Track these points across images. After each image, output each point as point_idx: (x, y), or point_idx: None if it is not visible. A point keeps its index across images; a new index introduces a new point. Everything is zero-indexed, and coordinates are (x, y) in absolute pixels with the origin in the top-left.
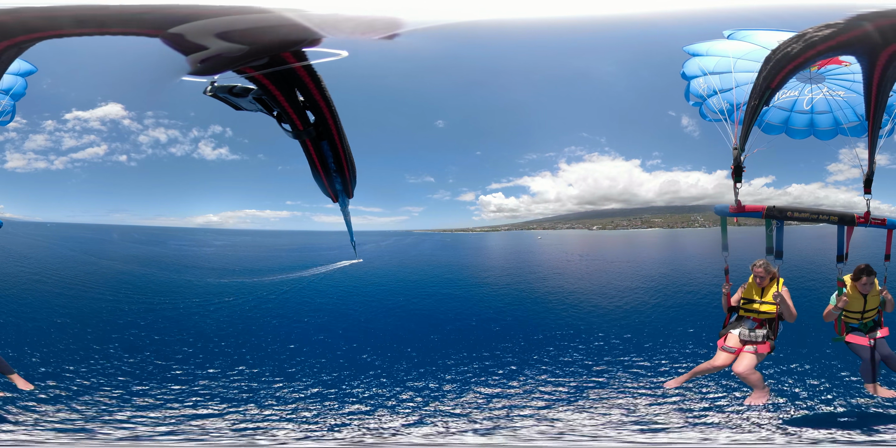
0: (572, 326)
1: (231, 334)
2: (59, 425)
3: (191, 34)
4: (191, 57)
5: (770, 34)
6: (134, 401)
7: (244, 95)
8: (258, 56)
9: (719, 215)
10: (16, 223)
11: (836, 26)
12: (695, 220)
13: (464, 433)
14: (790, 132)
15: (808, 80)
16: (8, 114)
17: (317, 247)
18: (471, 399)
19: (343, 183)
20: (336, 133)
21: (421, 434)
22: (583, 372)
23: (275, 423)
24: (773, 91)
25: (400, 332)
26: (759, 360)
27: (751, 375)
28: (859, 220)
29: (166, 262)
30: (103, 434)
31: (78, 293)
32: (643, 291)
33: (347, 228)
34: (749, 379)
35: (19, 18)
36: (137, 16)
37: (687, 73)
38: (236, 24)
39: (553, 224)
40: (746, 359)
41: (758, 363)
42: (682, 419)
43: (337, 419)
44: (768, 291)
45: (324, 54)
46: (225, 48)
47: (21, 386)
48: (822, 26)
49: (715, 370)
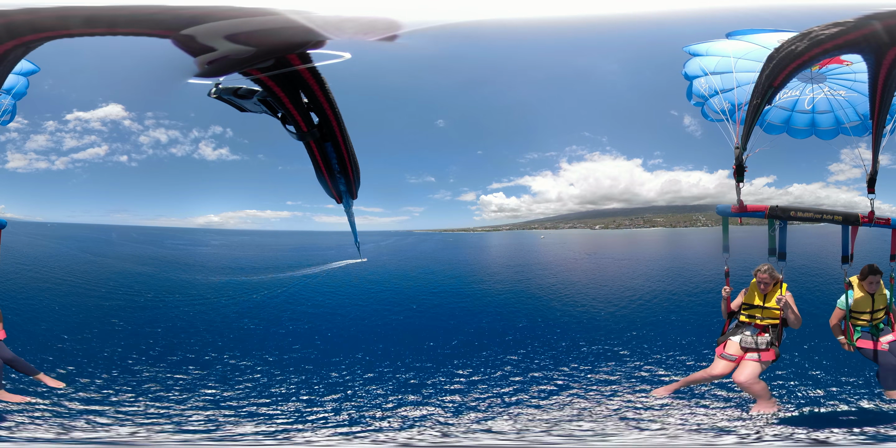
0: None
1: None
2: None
3: (202, 36)
4: (199, 59)
5: (771, 35)
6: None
7: (249, 97)
8: (265, 58)
9: (721, 215)
10: (16, 223)
11: (844, 25)
12: (697, 220)
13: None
14: (791, 132)
15: (810, 80)
16: (8, 113)
17: (319, 246)
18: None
19: (347, 184)
20: (340, 134)
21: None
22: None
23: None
24: (775, 90)
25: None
26: (763, 368)
27: (754, 385)
28: (863, 219)
29: (165, 260)
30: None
31: (69, 289)
32: (660, 287)
33: (352, 229)
34: (752, 389)
35: (30, 18)
36: (149, 16)
37: (689, 73)
38: (245, 26)
39: (554, 224)
40: (749, 367)
41: (762, 372)
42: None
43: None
44: (771, 296)
45: (328, 56)
46: (233, 50)
47: (51, 384)
48: (829, 25)
49: (712, 380)
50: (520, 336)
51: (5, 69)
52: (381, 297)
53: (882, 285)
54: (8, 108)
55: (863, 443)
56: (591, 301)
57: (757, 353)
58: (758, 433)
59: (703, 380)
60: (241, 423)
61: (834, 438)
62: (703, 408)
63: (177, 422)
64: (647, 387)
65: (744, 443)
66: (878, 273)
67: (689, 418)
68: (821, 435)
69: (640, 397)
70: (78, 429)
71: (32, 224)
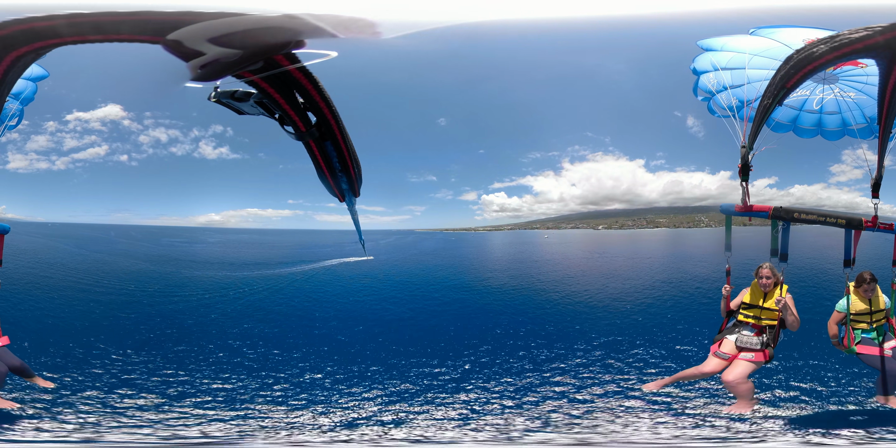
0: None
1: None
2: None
3: (187, 40)
4: (190, 63)
5: (797, 31)
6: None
7: (245, 100)
8: (252, 60)
9: (725, 214)
10: (17, 223)
11: (871, 30)
12: (700, 221)
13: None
14: (798, 131)
15: (822, 81)
16: (15, 117)
17: (321, 244)
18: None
19: (349, 182)
20: (338, 133)
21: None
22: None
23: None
24: (788, 91)
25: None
26: (755, 368)
27: (741, 385)
28: (867, 224)
29: (160, 257)
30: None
31: (66, 285)
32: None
33: (356, 227)
34: (738, 388)
35: (53, 25)
36: (135, 23)
37: (697, 68)
38: (229, 28)
39: (556, 224)
40: (740, 367)
41: (751, 372)
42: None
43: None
44: (771, 297)
45: (315, 56)
46: (220, 53)
47: (43, 385)
48: (859, 29)
49: (702, 376)
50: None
51: (14, 76)
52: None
53: (879, 290)
54: (16, 112)
55: (858, 444)
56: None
57: (751, 353)
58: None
59: (693, 376)
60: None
61: (831, 439)
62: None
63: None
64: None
65: (744, 442)
66: (874, 281)
67: (681, 417)
68: (814, 437)
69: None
70: (70, 424)
71: (34, 224)
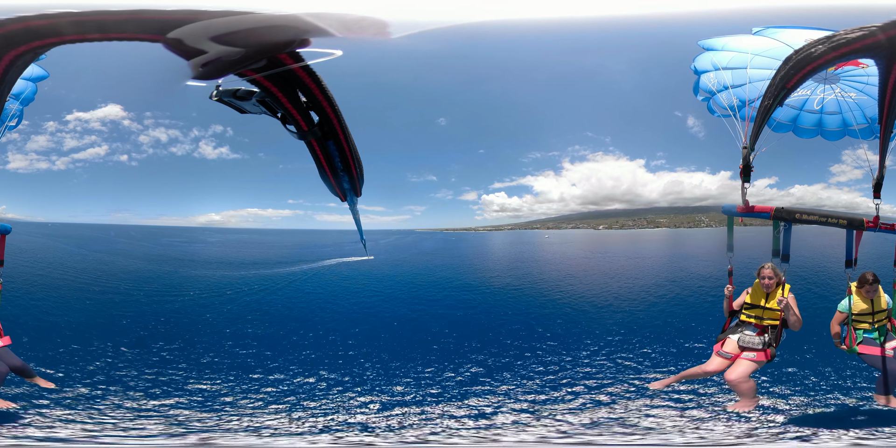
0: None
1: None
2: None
3: (188, 38)
4: (192, 61)
5: (800, 32)
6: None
7: (248, 98)
8: (255, 58)
9: (727, 215)
10: (18, 223)
11: (867, 30)
12: (700, 221)
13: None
14: (798, 131)
15: (823, 80)
16: (15, 118)
17: (321, 244)
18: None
19: (351, 181)
20: (341, 132)
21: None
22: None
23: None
24: (788, 91)
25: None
26: (757, 368)
27: (743, 384)
28: (868, 224)
29: (160, 257)
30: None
31: (53, 282)
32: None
33: (357, 226)
34: (740, 387)
35: (52, 23)
36: (137, 22)
37: (698, 68)
38: (232, 26)
39: (556, 224)
40: (742, 366)
41: (754, 371)
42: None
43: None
44: (773, 297)
45: (319, 54)
46: (222, 51)
47: (44, 385)
48: (854, 29)
49: (705, 376)
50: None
51: (13, 75)
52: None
53: (881, 290)
54: (16, 113)
55: (858, 444)
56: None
57: (753, 353)
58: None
59: (697, 375)
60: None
61: (831, 438)
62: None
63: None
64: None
65: (742, 442)
66: (877, 282)
67: (684, 417)
68: (813, 435)
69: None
70: (71, 425)
71: (34, 224)
